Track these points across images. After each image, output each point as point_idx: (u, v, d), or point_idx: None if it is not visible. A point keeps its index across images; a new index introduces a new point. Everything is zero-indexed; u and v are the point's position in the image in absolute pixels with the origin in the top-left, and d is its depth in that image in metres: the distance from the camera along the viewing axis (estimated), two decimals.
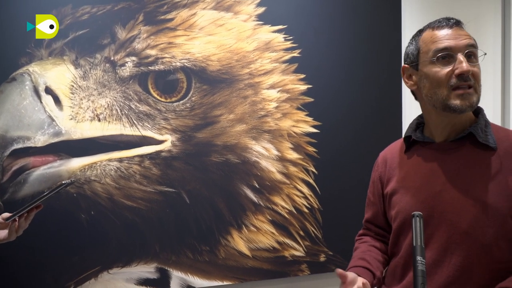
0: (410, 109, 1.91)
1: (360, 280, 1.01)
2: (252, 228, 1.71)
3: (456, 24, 0.99)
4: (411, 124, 1.13)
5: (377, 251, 1.17)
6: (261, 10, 1.68)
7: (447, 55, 0.96)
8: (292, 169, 1.74)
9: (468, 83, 0.95)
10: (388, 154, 1.17)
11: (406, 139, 1.10)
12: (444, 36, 0.97)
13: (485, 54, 1.00)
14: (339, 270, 1.00)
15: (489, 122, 1.01)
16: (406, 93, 1.90)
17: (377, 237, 1.21)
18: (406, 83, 1.09)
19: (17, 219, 1.15)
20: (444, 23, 0.99)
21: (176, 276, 1.65)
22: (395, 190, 1.09)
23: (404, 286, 1.05)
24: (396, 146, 1.15)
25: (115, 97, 1.57)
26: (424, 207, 1.00)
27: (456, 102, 0.95)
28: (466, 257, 0.95)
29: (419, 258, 0.80)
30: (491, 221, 0.93)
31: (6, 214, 1.14)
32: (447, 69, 0.96)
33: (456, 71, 0.94)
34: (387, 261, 1.16)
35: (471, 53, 0.96)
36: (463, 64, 0.94)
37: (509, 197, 0.92)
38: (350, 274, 1.03)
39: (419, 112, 1.11)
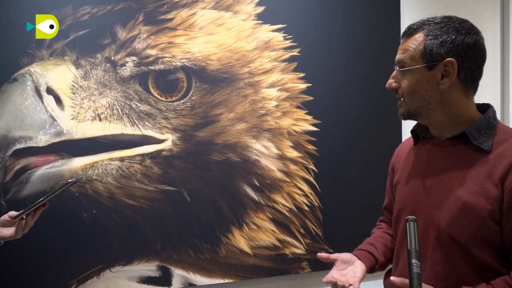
0: None
1: (353, 278, 1.05)
2: (253, 226, 1.72)
3: (405, 35, 1.02)
4: None
5: (389, 238, 1.22)
6: (260, 9, 1.69)
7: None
8: (292, 167, 1.75)
9: (396, 96, 1.04)
10: (402, 145, 1.21)
11: (412, 132, 1.13)
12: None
13: (402, 70, 1.00)
14: (320, 254, 1.08)
15: (494, 124, 0.99)
16: None
17: (391, 224, 1.23)
18: None
19: (24, 217, 1.18)
20: (402, 35, 1.04)
21: (178, 274, 1.67)
22: (398, 181, 1.13)
23: (397, 276, 1.07)
24: (411, 138, 1.17)
25: (116, 97, 1.58)
26: (414, 200, 1.05)
27: None
28: (447, 253, 0.97)
29: (414, 261, 0.82)
30: (468, 222, 0.94)
31: (13, 213, 1.17)
32: None
33: None
34: None
35: (402, 67, 1.00)
36: (389, 79, 1.04)
37: (490, 200, 0.92)
38: (346, 255, 1.11)
39: None
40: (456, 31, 0.97)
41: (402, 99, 1.03)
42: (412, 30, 1.00)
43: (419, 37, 0.98)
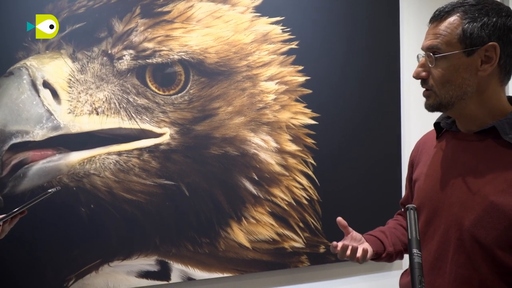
0: (409, 101, 1.91)
1: (362, 246, 1.04)
2: (252, 220, 1.72)
3: (436, 18, 0.94)
4: None
5: (403, 231, 1.16)
6: (258, 1, 1.68)
7: (422, 56, 0.97)
8: (291, 161, 1.74)
9: (424, 87, 0.96)
10: (424, 139, 1.14)
11: (435, 125, 1.06)
12: (425, 36, 0.96)
13: (436, 57, 0.91)
14: (340, 219, 1.07)
15: None
16: (405, 85, 1.90)
17: None
18: None
19: (1, 224, 1.18)
20: (430, 18, 0.96)
21: (177, 269, 1.66)
22: (418, 176, 1.07)
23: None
24: (433, 131, 1.10)
25: (113, 91, 1.57)
26: (435, 198, 0.98)
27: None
28: (469, 255, 0.91)
29: (415, 250, 0.80)
30: (495, 223, 0.87)
31: None
32: None
33: None
34: None
35: (434, 54, 0.92)
36: (416, 68, 0.95)
37: None
38: (357, 234, 1.09)
39: (417, 103, 1.11)
40: (496, 13, 0.90)
41: (429, 89, 0.94)
42: (444, 13, 0.92)
43: (454, 20, 0.90)
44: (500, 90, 0.94)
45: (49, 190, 1.16)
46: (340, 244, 1.04)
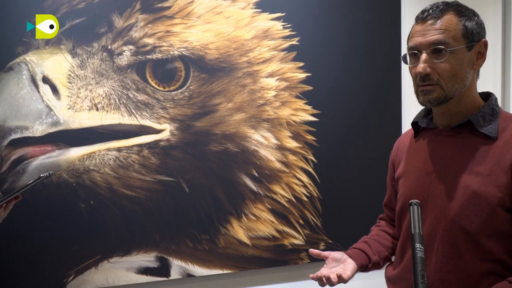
0: (410, 97, 1.90)
1: (337, 271, 1.04)
2: (252, 216, 1.71)
3: (430, 16, 0.96)
4: (421, 110, 1.13)
5: (386, 236, 1.20)
6: None
7: (415, 53, 0.98)
8: (291, 157, 1.74)
9: (427, 82, 0.96)
10: (402, 138, 1.19)
11: (413, 124, 1.11)
12: (415, 33, 0.98)
13: (450, 50, 0.94)
14: (311, 250, 1.09)
15: (497, 110, 0.99)
16: (406, 81, 1.89)
17: (390, 222, 1.23)
18: None
19: None
20: (421, 16, 0.98)
21: (176, 265, 1.66)
22: (401, 174, 1.11)
23: (402, 269, 1.07)
24: (410, 131, 1.15)
25: (113, 86, 1.56)
26: (420, 192, 1.02)
27: (420, 98, 0.99)
28: (454, 244, 0.96)
29: (418, 245, 0.81)
30: (478, 211, 0.93)
31: None
32: (415, 66, 0.98)
33: (416, 71, 0.97)
34: (396, 246, 1.17)
35: (439, 49, 0.94)
36: (419, 65, 0.95)
37: (500, 188, 0.92)
38: (337, 254, 1.10)
39: None
40: (474, 14, 0.98)
41: (434, 84, 0.96)
42: (438, 12, 0.96)
43: (452, 17, 0.95)
44: (476, 86, 1.01)
45: (42, 175, 1.15)
46: (316, 274, 1.04)
